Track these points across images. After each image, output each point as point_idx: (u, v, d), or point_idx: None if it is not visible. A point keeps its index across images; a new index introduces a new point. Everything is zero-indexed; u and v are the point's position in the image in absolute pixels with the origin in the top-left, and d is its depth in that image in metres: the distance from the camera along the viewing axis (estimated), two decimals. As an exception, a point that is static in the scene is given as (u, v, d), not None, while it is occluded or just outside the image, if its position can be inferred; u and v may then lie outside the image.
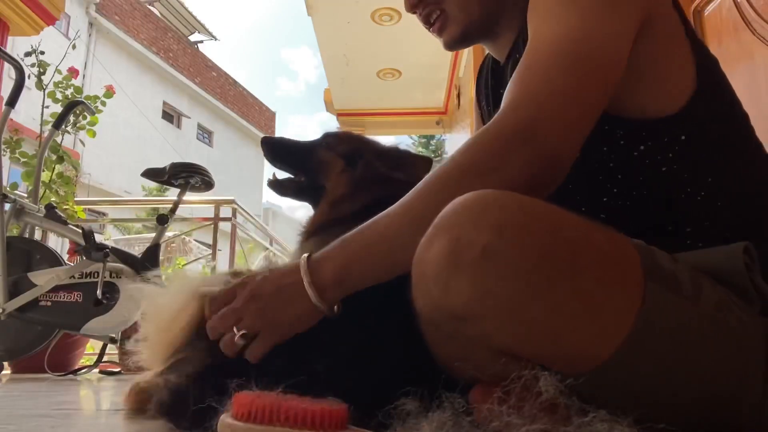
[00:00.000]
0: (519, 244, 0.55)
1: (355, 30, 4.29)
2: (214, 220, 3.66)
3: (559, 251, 0.56)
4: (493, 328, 0.57)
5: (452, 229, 0.57)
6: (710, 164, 0.75)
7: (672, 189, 0.75)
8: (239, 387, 0.60)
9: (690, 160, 0.75)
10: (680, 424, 0.56)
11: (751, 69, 1.92)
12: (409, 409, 0.59)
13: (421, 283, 0.60)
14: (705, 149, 0.75)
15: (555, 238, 0.57)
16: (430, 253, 0.58)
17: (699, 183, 0.74)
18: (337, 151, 1.13)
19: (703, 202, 0.74)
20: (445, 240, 0.57)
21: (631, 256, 0.60)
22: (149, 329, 0.82)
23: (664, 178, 0.75)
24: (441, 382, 0.61)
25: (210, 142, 17.60)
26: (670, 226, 0.75)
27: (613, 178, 0.78)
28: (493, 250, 0.55)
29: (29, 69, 2.78)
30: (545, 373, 0.55)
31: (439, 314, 0.60)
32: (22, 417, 1.03)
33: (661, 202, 0.76)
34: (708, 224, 0.74)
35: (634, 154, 0.76)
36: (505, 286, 0.55)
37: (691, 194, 0.75)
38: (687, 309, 0.59)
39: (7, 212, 2.27)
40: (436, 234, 0.59)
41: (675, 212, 0.75)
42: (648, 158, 0.75)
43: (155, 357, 0.81)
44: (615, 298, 0.57)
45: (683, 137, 0.75)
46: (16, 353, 2.29)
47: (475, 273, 0.55)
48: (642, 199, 0.77)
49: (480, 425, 0.57)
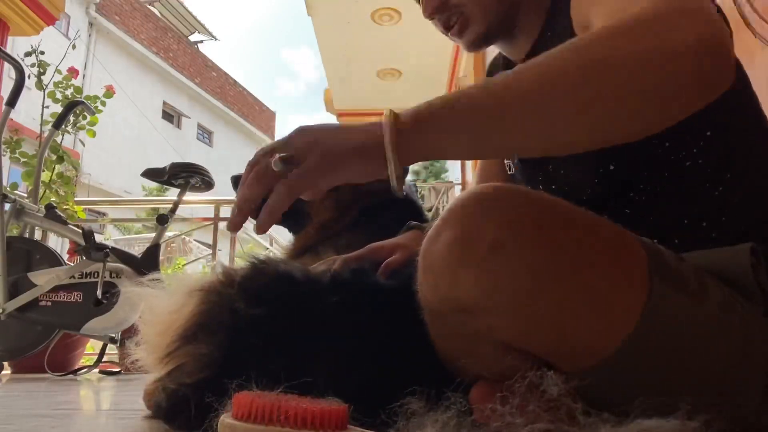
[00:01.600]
0: (528, 238, 0.55)
1: (355, 30, 4.29)
2: (214, 220, 3.66)
3: (567, 246, 0.56)
4: (500, 321, 0.57)
5: (461, 222, 0.57)
6: (731, 159, 0.75)
7: (693, 184, 0.75)
8: (239, 387, 0.60)
9: (713, 155, 0.75)
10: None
11: (751, 69, 1.91)
12: (413, 408, 0.59)
13: (428, 276, 0.60)
14: (727, 144, 0.75)
15: (563, 233, 0.57)
16: (437, 245, 0.58)
17: (718, 178, 0.74)
18: None
19: (720, 197, 0.74)
20: (453, 233, 0.57)
21: (638, 252, 0.60)
22: (147, 332, 0.82)
23: (687, 172, 0.75)
24: (445, 382, 0.61)
25: (210, 142, 17.61)
26: (687, 221, 0.75)
27: (641, 176, 0.78)
28: (501, 244, 0.55)
29: (29, 69, 2.78)
30: (549, 373, 0.55)
31: (446, 307, 0.60)
32: (22, 417, 1.03)
33: (681, 197, 0.76)
34: (724, 219, 0.74)
35: (659, 151, 0.76)
36: (512, 281, 0.55)
37: (709, 189, 0.75)
38: (692, 306, 0.59)
39: (7, 212, 2.27)
40: (444, 227, 0.58)
41: (693, 207, 0.75)
42: (674, 154, 0.75)
43: (154, 361, 0.81)
44: (621, 294, 0.57)
45: (708, 133, 0.74)
46: (16, 353, 2.28)
47: (483, 267, 0.55)
48: (665, 194, 0.77)
49: (482, 425, 0.57)
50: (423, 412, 0.59)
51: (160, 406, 0.73)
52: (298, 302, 0.74)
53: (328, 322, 0.71)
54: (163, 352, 0.76)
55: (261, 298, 0.73)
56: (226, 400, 0.60)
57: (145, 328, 0.82)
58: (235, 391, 0.58)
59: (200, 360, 0.72)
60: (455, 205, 0.59)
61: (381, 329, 0.72)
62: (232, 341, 0.71)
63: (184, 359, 0.74)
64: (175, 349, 0.75)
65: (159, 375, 0.78)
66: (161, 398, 0.73)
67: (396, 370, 0.69)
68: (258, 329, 0.71)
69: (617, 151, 0.69)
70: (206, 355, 0.71)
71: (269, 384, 0.60)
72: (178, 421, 0.71)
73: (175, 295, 0.81)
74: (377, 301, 0.75)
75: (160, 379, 0.77)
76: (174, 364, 0.75)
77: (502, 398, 0.55)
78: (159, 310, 0.82)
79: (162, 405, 0.73)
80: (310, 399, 0.57)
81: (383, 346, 0.72)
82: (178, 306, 0.78)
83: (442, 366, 0.66)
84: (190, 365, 0.73)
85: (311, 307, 0.74)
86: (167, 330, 0.77)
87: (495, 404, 0.55)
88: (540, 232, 0.56)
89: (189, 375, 0.71)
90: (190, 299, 0.77)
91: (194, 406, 0.66)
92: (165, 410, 0.73)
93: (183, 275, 3.77)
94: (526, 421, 0.53)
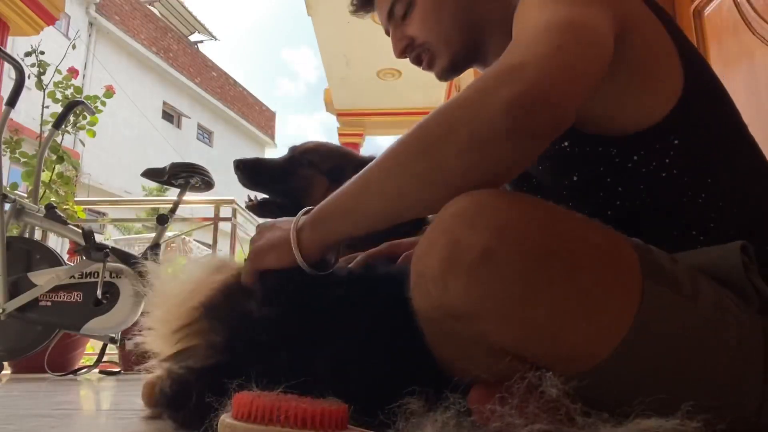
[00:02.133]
0: (517, 245, 0.55)
1: (355, 30, 4.29)
2: (214, 220, 3.66)
3: (558, 251, 0.56)
4: (492, 328, 0.57)
5: (451, 230, 0.57)
6: (707, 165, 0.75)
7: (674, 194, 0.75)
8: (239, 387, 0.60)
9: (687, 163, 0.74)
10: None
11: (751, 69, 1.91)
12: (413, 408, 0.59)
13: (420, 283, 0.60)
14: (700, 151, 0.75)
15: (553, 238, 0.57)
16: (428, 253, 0.59)
17: (699, 185, 0.74)
18: (320, 168, 1.12)
19: (705, 204, 0.74)
20: (443, 241, 0.57)
21: (629, 254, 0.60)
22: (158, 313, 0.82)
23: (664, 183, 0.75)
24: (445, 383, 0.61)
25: (210, 142, 17.60)
26: (676, 231, 0.75)
27: (613, 192, 0.78)
28: (491, 252, 0.55)
29: (29, 69, 2.78)
30: (548, 374, 0.55)
31: (438, 314, 0.60)
32: (22, 417, 1.03)
33: (664, 208, 0.76)
34: (713, 225, 0.74)
35: (628, 165, 0.76)
36: (503, 287, 0.55)
37: (693, 197, 0.74)
38: (685, 307, 0.59)
39: (7, 212, 2.26)
40: (434, 235, 0.59)
41: (679, 216, 0.75)
42: (644, 167, 0.75)
43: (162, 342, 0.81)
44: (613, 297, 0.57)
45: (676, 141, 0.74)
46: (16, 353, 2.28)
47: (473, 274, 0.55)
48: (645, 206, 0.77)
49: (481, 426, 0.57)
50: (422, 413, 0.59)
51: (164, 393, 0.72)
52: (307, 299, 0.75)
53: (332, 318, 0.71)
54: (172, 334, 0.77)
55: (273, 296, 0.75)
56: (226, 400, 0.60)
57: (155, 310, 0.82)
58: (235, 391, 0.59)
59: (210, 347, 0.72)
60: (445, 213, 0.59)
61: (384, 329, 0.72)
62: (242, 334, 0.72)
63: (195, 341, 0.74)
64: (193, 322, 0.76)
65: (165, 357, 0.78)
66: (166, 384, 0.72)
67: (396, 369, 0.69)
68: (267, 326, 0.72)
69: (578, 163, 0.69)
70: (217, 344, 0.72)
71: (270, 383, 0.60)
72: (181, 411, 0.70)
73: (189, 280, 0.83)
74: (378, 300, 0.75)
75: (166, 360, 0.77)
76: (185, 344, 0.75)
77: (501, 399, 0.55)
78: (171, 292, 0.82)
79: (166, 391, 0.72)
80: (310, 399, 0.57)
81: (384, 345, 0.72)
82: (192, 289, 0.79)
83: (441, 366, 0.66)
84: (199, 350, 0.73)
85: (319, 304, 0.74)
86: (178, 312, 0.78)
87: (494, 405, 0.55)
88: (530, 239, 0.56)
89: (196, 360, 0.72)
90: (216, 275, 0.80)
91: (196, 394, 0.66)
92: (169, 397, 0.72)
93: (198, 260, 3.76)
94: (525, 421, 0.53)
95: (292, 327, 0.72)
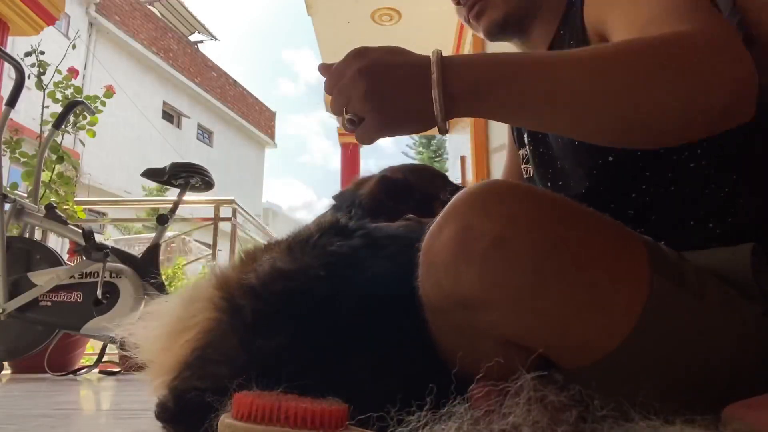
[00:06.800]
0: (530, 234, 0.56)
1: (355, 30, 4.29)
2: (214, 220, 3.66)
3: (569, 242, 0.57)
4: (502, 317, 0.57)
5: (463, 217, 0.57)
6: (735, 160, 0.75)
7: (698, 185, 0.76)
8: (239, 387, 0.60)
9: (717, 157, 0.75)
10: None
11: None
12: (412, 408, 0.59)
13: (431, 272, 0.60)
14: (732, 145, 0.75)
15: (565, 229, 0.58)
16: (440, 241, 0.58)
17: (723, 179, 0.75)
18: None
19: (725, 198, 0.75)
20: (455, 228, 0.57)
21: (639, 248, 0.60)
22: (154, 346, 0.76)
23: (691, 173, 0.76)
24: (445, 381, 0.61)
25: (210, 142, 17.60)
26: (693, 221, 0.76)
27: (642, 176, 0.79)
28: (504, 240, 0.55)
29: (29, 69, 2.78)
30: (550, 373, 0.55)
31: (448, 303, 0.60)
32: (22, 417, 1.03)
33: (686, 198, 0.77)
34: (731, 220, 0.74)
35: (661, 151, 0.76)
36: (514, 277, 0.55)
37: (715, 190, 0.75)
38: (692, 304, 0.59)
39: (7, 212, 2.26)
40: (446, 222, 0.59)
41: (699, 208, 0.76)
42: (676, 154, 0.76)
43: (157, 374, 0.75)
44: (622, 290, 0.57)
45: None
46: (16, 353, 2.28)
47: (485, 262, 0.55)
48: (668, 193, 0.77)
49: (481, 424, 0.57)
50: (422, 412, 0.59)
51: (166, 407, 0.70)
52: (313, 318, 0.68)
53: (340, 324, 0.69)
54: (168, 367, 0.71)
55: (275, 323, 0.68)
56: (226, 400, 0.60)
57: (152, 342, 0.77)
58: (235, 391, 0.58)
59: (214, 373, 0.68)
60: (457, 201, 0.59)
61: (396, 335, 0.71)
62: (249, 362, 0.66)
63: (198, 370, 0.70)
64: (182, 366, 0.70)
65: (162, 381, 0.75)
66: (168, 398, 0.70)
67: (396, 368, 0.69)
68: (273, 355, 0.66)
69: (618, 154, 0.68)
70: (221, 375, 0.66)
71: (270, 384, 0.60)
72: (185, 427, 0.68)
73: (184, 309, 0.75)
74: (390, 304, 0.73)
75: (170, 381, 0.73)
76: (187, 373, 0.70)
77: (501, 398, 0.55)
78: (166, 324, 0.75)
79: (169, 406, 0.70)
80: (310, 399, 0.57)
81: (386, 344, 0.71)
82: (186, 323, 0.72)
83: (443, 364, 0.66)
84: (204, 371, 0.69)
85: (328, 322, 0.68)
86: (172, 346, 0.72)
87: (495, 404, 0.55)
88: (542, 229, 0.56)
89: (201, 379, 0.69)
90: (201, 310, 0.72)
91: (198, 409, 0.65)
92: (173, 412, 0.70)
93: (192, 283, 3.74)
94: (526, 421, 0.53)
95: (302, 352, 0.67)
